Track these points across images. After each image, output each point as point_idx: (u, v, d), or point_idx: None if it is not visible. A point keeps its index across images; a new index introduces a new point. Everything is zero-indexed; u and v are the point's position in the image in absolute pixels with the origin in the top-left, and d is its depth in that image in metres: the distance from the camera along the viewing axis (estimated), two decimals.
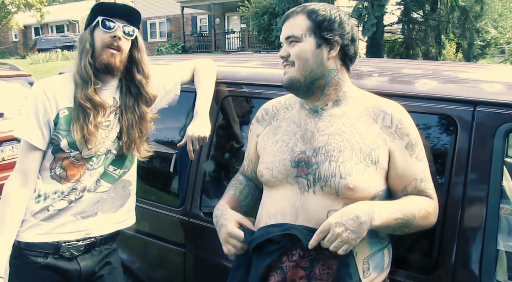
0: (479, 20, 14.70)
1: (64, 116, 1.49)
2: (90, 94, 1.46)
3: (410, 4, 14.97)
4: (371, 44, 14.61)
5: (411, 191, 1.28)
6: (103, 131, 1.53)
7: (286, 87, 1.33)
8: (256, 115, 1.50)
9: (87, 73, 1.47)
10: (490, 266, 1.31)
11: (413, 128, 1.29)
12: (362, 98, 1.33)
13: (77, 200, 1.53)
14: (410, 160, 1.26)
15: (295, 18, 1.29)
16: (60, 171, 1.51)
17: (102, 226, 1.59)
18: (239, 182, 1.53)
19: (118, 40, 1.47)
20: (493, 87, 1.42)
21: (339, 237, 1.13)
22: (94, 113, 1.47)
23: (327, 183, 1.22)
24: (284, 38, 1.31)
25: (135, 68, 1.56)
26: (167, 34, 24.87)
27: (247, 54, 2.79)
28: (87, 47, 1.48)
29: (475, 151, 1.35)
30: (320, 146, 1.27)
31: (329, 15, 1.27)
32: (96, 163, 1.54)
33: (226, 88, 1.85)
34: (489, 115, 1.36)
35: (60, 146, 1.49)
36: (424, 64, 2.13)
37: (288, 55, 1.30)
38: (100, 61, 1.48)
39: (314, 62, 1.27)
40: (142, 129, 1.58)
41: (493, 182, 1.32)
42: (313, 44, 1.27)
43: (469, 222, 1.34)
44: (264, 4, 16.76)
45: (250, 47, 19.09)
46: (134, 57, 1.56)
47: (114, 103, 1.56)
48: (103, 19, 1.46)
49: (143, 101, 1.58)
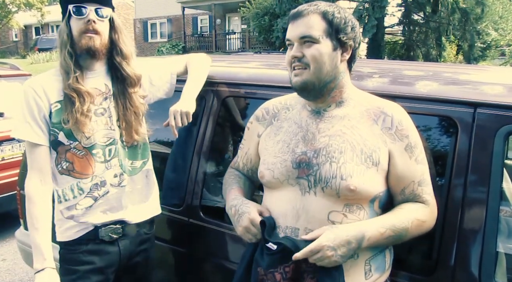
0: (479, 22, 14.70)
1: (56, 110, 1.50)
2: (72, 83, 1.47)
3: (411, 6, 14.98)
4: (371, 45, 14.61)
5: (408, 194, 1.28)
6: (98, 118, 1.53)
7: (298, 90, 1.29)
8: (255, 113, 1.48)
9: (67, 63, 1.48)
10: (489, 268, 1.31)
11: (413, 130, 1.28)
12: (363, 99, 1.32)
13: (103, 196, 1.55)
14: (409, 162, 1.26)
15: (309, 17, 1.23)
16: (66, 164, 1.52)
17: (135, 216, 1.63)
18: (237, 176, 1.51)
19: (92, 23, 1.47)
20: (493, 89, 1.42)
21: (327, 259, 1.15)
22: (80, 101, 1.48)
23: (328, 184, 1.22)
24: (297, 37, 1.24)
25: (114, 51, 1.56)
26: (167, 34, 24.89)
27: (248, 55, 2.79)
28: (65, 38, 1.49)
29: (475, 152, 1.35)
30: (321, 147, 1.26)
31: (344, 18, 1.25)
32: (104, 154, 1.54)
33: (226, 88, 1.85)
34: (490, 117, 1.36)
35: (58, 139, 1.50)
36: (425, 66, 2.13)
37: (302, 56, 1.24)
38: (80, 47, 1.48)
39: (329, 66, 1.25)
40: (135, 110, 1.58)
41: (493, 184, 1.32)
42: (330, 47, 1.24)
43: (468, 224, 1.34)
44: (265, 5, 16.76)
45: (250, 48, 19.09)
46: (112, 39, 1.55)
47: (106, 90, 1.56)
48: (73, 7, 1.47)
49: (129, 84, 1.58)
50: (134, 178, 1.62)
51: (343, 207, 1.23)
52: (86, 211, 1.54)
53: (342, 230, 1.18)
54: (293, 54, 1.25)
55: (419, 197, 1.28)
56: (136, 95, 1.60)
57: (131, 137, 1.58)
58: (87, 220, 1.55)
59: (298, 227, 1.24)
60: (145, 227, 1.67)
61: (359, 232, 1.18)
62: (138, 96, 1.60)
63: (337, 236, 1.16)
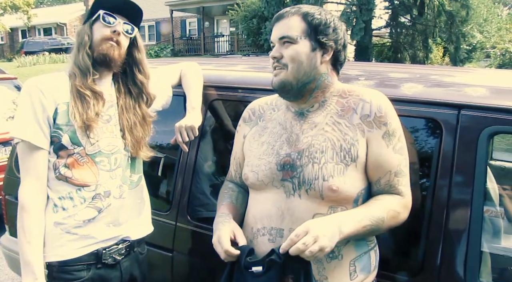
0: (465, 25, 14.93)
1: (63, 111, 1.41)
2: (89, 83, 1.43)
3: (398, 9, 15.17)
4: (359, 48, 14.76)
5: (384, 185, 1.26)
6: (104, 125, 1.47)
7: (277, 89, 1.30)
8: (243, 115, 1.48)
9: (86, 64, 1.43)
10: (474, 268, 1.33)
11: (393, 117, 1.27)
12: (345, 91, 1.32)
13: (107, 208, 1.46)
14: (386, 150, 1.24)
15: (289, 19, 1.26)
16: (64, 170, 1.42)
17: (135, 231, 1.57)
18: (231, 189, 1.48)
19: (117, 35, 1.45)
20: (477, 91, 1.44)
21: (317, 240, 1.09)
22: (94, 102, 1.43)
23: (311, 186, 1.22)
24: (277, 38, 1.27)
25: (136, 68, 1.54)
26: (156, 37, 24.80)
27: (236, 58, 2.80)
28: (85, 39, 1.44)
29: (460, 153, 1.37)
30: (304, 148, 1.26)
31: (325, 19, 1.26)
32: (110, 163, 1.47)
33: (214, 92, 1.85)
34: (473, 119, 1.38)
35: (62, 143, 1.41)
36: (411, 68, 2.15)
37: (281, 57, 1.26)
38: (98, 51, 1.44)
39: (308, 66, 1.25)
40: (145, 129, 1.56)
41: (477, 185, 1.34)
42: (308, 47, 1.25)
43: (453, 224, 1.35)
44: (253, 8, 16.82)
45: (239, 51, 19.11)
46: (135, 57, 1.54)
47: (110, 99, 1.52)
48: (104, 13, 1.44)
49: (144, 102, 1.57)
50: (133, 191, 1.56)
51: (328, 209, 1.23)
52: (88, 223, 1.43)
53: (319, 219, 1.17)
54: (271, 54, 1.28)
55: (394, 188, 1.26)
56: (148, 115, 1.58)
57: (136, 151, 1.54)
58: (88, 233, 1.43)
59: (282, 227, 1.24)
60: (140, 246, 1.62)
61: (335, 218, 1.18)
62: (149, 116, 1.59)
63: (315, 221, 1.15)
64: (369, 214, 1.21)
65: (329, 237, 1.11)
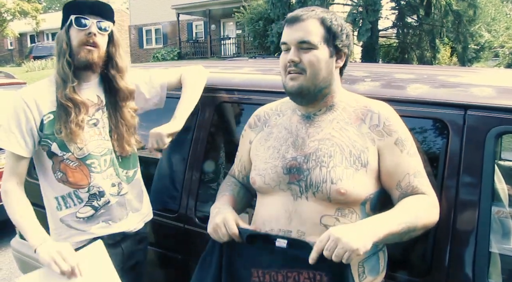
0: (472, 24, 14.83)
1: (49, 121, 1.49)
2: (69, 93, 1.46)
3: (404, 9, 15.09)
4: (366, 49, 14.70)
5: (405, 187, 1.26)
6: (91, 129, 1.53)
7: (294, 94, 1.28)
8: (248, 121, 1.50)
9: (66, 72, 1.47)
10: (483, 269, 1.32)
11: (401, 125, 1.28)
12: (352, 101, 1.33)
13: (104, 206, 1.56)
14: (401, 155, 1.25)
15: (308, 22, 1.23)
16: (60, 175, 1.53)
17: (134, 224, 1.66)
18: (233, 183, 1.51)
19: (93, 36, 1.47)
20: (483, 91, 1.43)
21: (338, 243, 1.06)
22: (76, 112, 1.48)
23: (318, 189, 1.23)
24: (296, 42, 1.23)
25: (110, 64, 1.56)
26: (163, 40, 24.91)
27: (243, 60, 2.81)
28: (64, 47, 1.48)
29: (467, 154, 1.36)
30: (310, 152, 1.27)
31: (340, 25, 1.26)
32: (100, 165, 1.54)
33: (221, 94, 1.86)
34: (480, 119, 1.37)
35: (52, 150, 1.50)
36: (417, 69, 2.14)
37: (299, 61, 1.24)
38: (78, 59, 1.48)
39: (325, 72, 1.25)
40: (126, 123, 1.59)
41: (484, 185, 1.33)
42: (327, 53, 1.24)
43: (461, 225, 1.35)
44: (259, 10, 16.82)
45: (246, 53, 19.13)
46: (110, 52, 1.56)
47: (98, 102, 1.57)
48: (76, 17, 1.46)
49: (120, 96, 1.58)
50: (131, 186, 1.65)
51: (335, 211, 1.23)
52: (88, 221, 1.55)
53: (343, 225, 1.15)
54: (290, 58, 1.24)
55: (417, 189, 1.26)
56: (128, 108, 1.60)
57: (123, 149, 1.59)
58: (88, 229, 1.55)
59: (290, 229, 1.25)
60: (141, 232, 1.71)
61: (364, 221, 1.16)
62: (129, 109, 1.61)
63: (337, 227, 1.12)
64: (402, 214, 1.19)
65: (355, 238, 1.07)
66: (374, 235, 1.11)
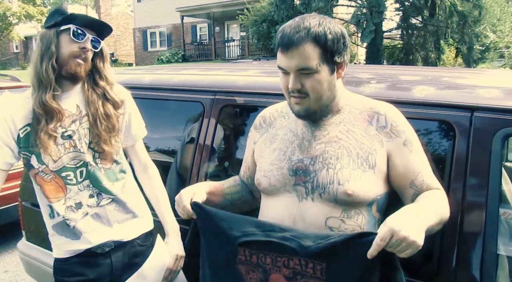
0: (477, 25, 14.76)
1: (26, 134, 1.45)
2: (46, 99, 1.40)
3: (408, 10, 15.06)
4: (370, 50, 14.68)
5: (420, 185, 1.25)
6: (65, 141, 1.47)
7: (301, 116, 1.29)
8: (254, 122, 1.50)
9: (49, 77, 1.41)
10: (491, 271, 1.31)
11: (408, 126, 1.28)
12: (358, 103, 1.33)
13: (83, 218, 1.51)
14: (411, 155, 1.26)
15: (303, 47, 1.17)
16: (38, 187, 1.51)
17: (125, 234, 1.58)
18: (234, 180, 1.54)
19: (86, 52, 1.45)
20: (490, 92, 1.43)
21: (405, 241, 1.00)
22: (47, 119, 1.42)
23: (325, 190, 1.22)
24: (294, 70, 1.20)
25: (98, 76, 1.53)
26: (167, 43, 25.01)
27: (247, 62, 2.81)
28: (52, 50, 1.41)
29: (474, 156, 1.36)
30: (317, 154, 1.27)
31: (335, 35, 1.19)
32: (76, 177, 1.50)
33: (225, 97, 1.86)
34: (487, 121, 1.36)
35: (30, 162, 1.47)
36: (422, 70, 2.14)
37: (301, 87, 1.21)
38: (66, 70, 1.44)
39: (329, 90, 1.24)
40: (108, 125, 1.52)
41: (492, 187, 1.32)
42: (328, 72, 1.22)
43: (468, 227, 1.34)
44: (263, 12, 16.86)
45: (250, 55, 19.18)
46: (97, 65, 1.52)
47: (77, 112, 1.50)
48: (76, 28, 1.42)
49: (110, 103, 1.54)
50: (117, 197, 1.57)
51: (341, 213, 1.23)
52: (73, 229, 1.51)
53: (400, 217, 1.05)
54: (292, 87, 1.22)
55: (432, 186, 1.26)
56: (118, 115, 1.56)
57: (101, 148, 1.51)
58: (75, 237, 1.52)
59: None
60: (139, 238, 1.63)
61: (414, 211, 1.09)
62: (119, 115, 1.56)
63: (397, 220, 1.03)
64: (434, 206, 1.17)
65: (419, 235, 1.01)
66: (425, 226, 1.07)
